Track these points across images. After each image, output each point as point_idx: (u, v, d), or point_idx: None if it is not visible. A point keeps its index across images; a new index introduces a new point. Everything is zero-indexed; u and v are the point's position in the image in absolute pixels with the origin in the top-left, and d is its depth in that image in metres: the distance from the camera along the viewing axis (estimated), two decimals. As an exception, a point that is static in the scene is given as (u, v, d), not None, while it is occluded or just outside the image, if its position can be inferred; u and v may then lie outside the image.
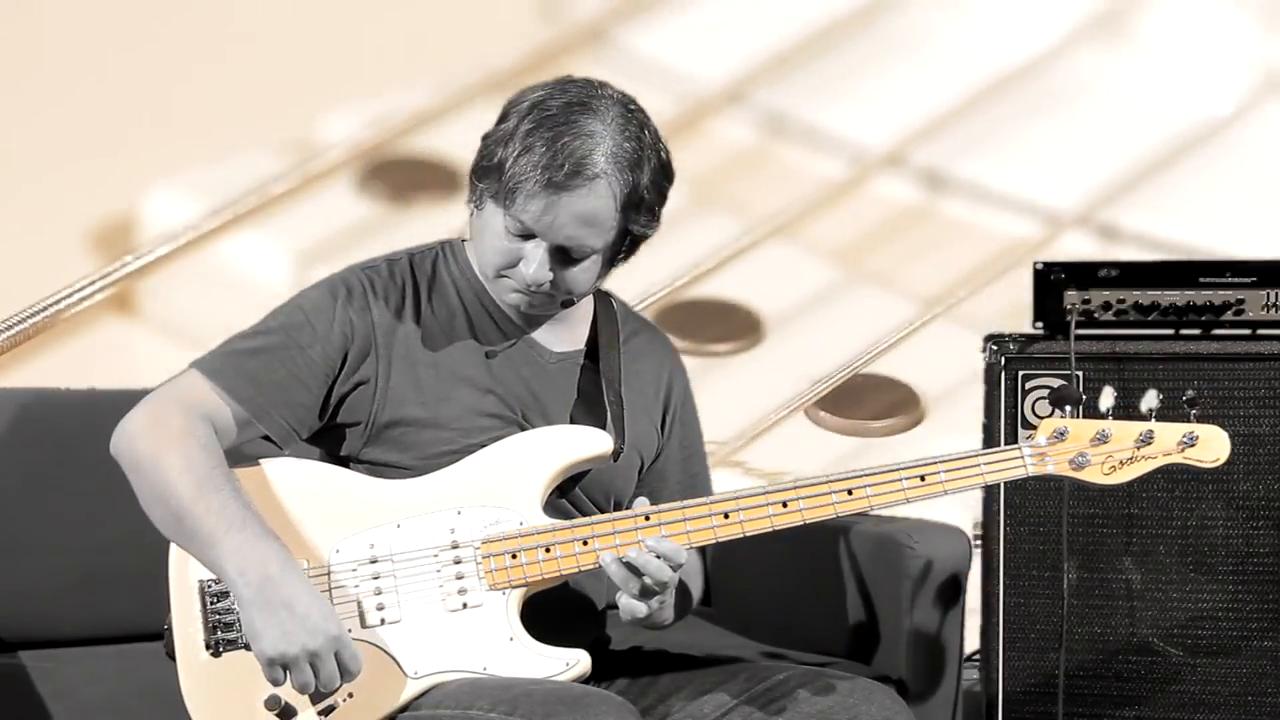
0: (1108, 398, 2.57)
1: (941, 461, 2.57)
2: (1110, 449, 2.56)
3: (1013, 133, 4.54)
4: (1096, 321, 3.40)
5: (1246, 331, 3.38)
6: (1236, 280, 3.37)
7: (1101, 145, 4.54)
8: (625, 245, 2.64)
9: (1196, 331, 3.39)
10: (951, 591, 3.25)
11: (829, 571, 3.27)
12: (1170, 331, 3.40)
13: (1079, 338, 3.37)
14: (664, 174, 2.61)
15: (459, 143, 4.07)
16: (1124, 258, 4.43)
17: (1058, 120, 4.54)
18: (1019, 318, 4.27)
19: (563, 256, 2.57)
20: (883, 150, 4.54)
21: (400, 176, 4.17)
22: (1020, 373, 3.40)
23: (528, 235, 2.56)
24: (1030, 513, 3.39)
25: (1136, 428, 2.56)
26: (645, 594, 2.52)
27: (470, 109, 4.17)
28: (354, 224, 4.13)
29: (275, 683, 2.43)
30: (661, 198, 2.62)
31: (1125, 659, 3.37)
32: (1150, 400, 2.57)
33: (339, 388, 2.62)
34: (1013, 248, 4.54)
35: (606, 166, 2.53)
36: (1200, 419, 2.58)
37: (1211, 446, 2.56)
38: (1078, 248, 4.51)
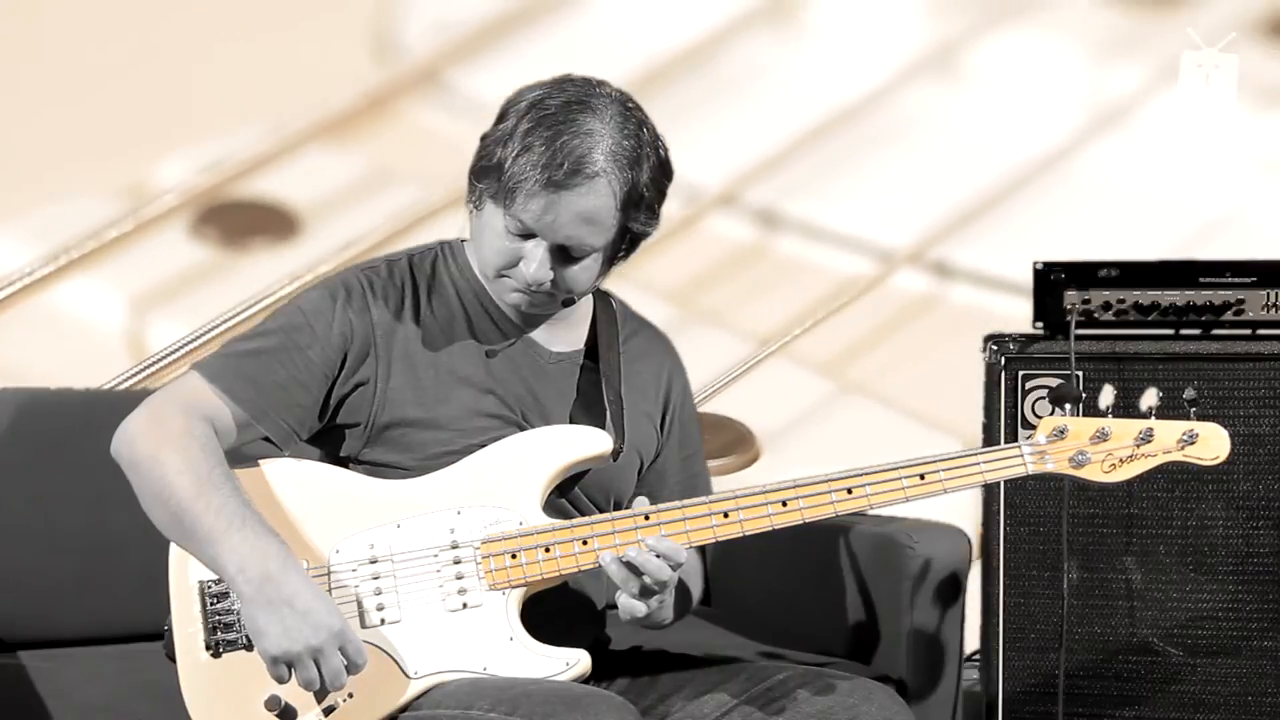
0: (1107, 395, 2.56)
1: (941, 460, 2.56)
2: (1110, 447, 2.56)
3: (846, 170, 4.54)
4: (1096, 321, 3.40)
5: (1246, 331, 3.37)
6: (1236, 280, 3.37)
7: (933, 182, 4.54)
8: (625, 244, 2.64)
9: (1196, 331, 3.39)
10: (951, 591, 3.25)
11: (829, 571, 3.27)
12: (1170, 331, 3.39)
13: (1079, 338, 3.37)
14: (663, 171, 2.61)
15: (294, 186, 4.08)
16: (960, 293, 4.50)
17: (890, 157, 4.53)
18: (855, 354, 4.29)
19: (563, 255, 2.57)
20: (716, 189, 4.54)
21: (235, 220, 4.16)
22: (1020, 373, 3.39)
23: (528, 235, 2.55)
24: (1030, 513, 3.39)
25: (1136, 425, 2.56)
26: (645, 593, 2.52)
27: (304, 152, 4.18)
28: (189, 268, 4.11)
29: (280, 680, 2.43)
30: (661, 195, 2.62)
31: (1125, 659, 3.37)
32: (1150, 398, 2.56)
33: (338, 389, 2.61)
34: (847, 285, 4.54)
35: (606, 165, 2.52)
36: (1200, 418, 2.57)
37: (1211, 444, 2.56)
38: (911, 285, 4.52)
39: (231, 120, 4.15)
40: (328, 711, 2.47)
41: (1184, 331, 3.40)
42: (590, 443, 2.62)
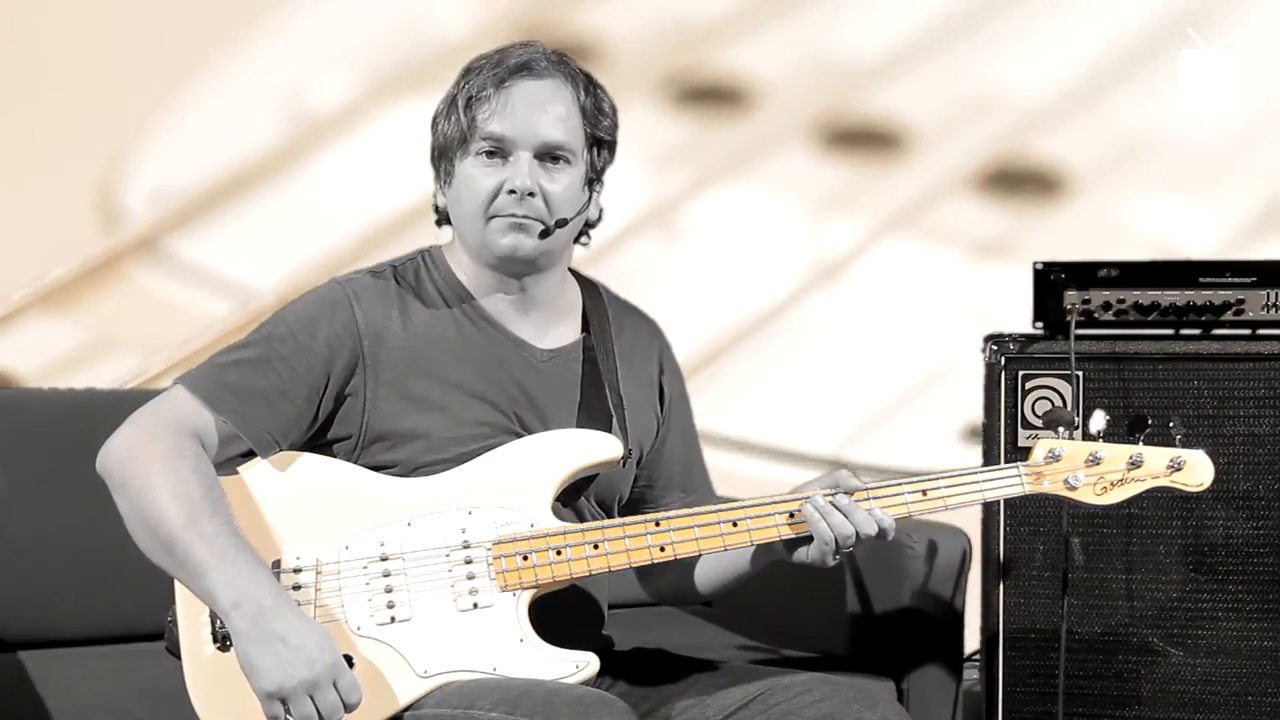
0: (1099, 420, 2.64)
1: (943, 477, 2.61)
2: (1102, 470, 2.65)
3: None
4: (1096, 321, 3.39)
5: (1246, 331, 3.37)
6: (1236, 280, 3.37)
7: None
8: (596, 164, 2.66)
9: (1196, 331, 3.39)
10: (951, 591, 3.25)
11: (829, 572, 3.25)
12: (1170, 331, 3.39)
13: (1079, 338, 3.37)
14: (607, 100, 2.66)
15: (14, 355, 4.04)
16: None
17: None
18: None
19: (544, 164, 2.60)
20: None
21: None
22: (1020, 373, 3.39)
23: (503, 152, 2.59)
24: (1030, 513, 3.38)
25: (1127, 451, 2.65)
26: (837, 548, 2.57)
27: (25, 320, 4.14)
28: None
29: (275, 719, 2.41)
30: (615, 115, 2.67)
31: (1125, 659, 3.36)
32: (1098, 421, 2.65)
33: (326, 402, 2.59)
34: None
35: (551, 68, 2.61)
36: (1185, 442, 2.67)
37: (1196, 472, 2.66)
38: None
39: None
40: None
41: (1184, 331, 3.39)
42: (601, 448, 2.62)
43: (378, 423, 2.59)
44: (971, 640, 3.40)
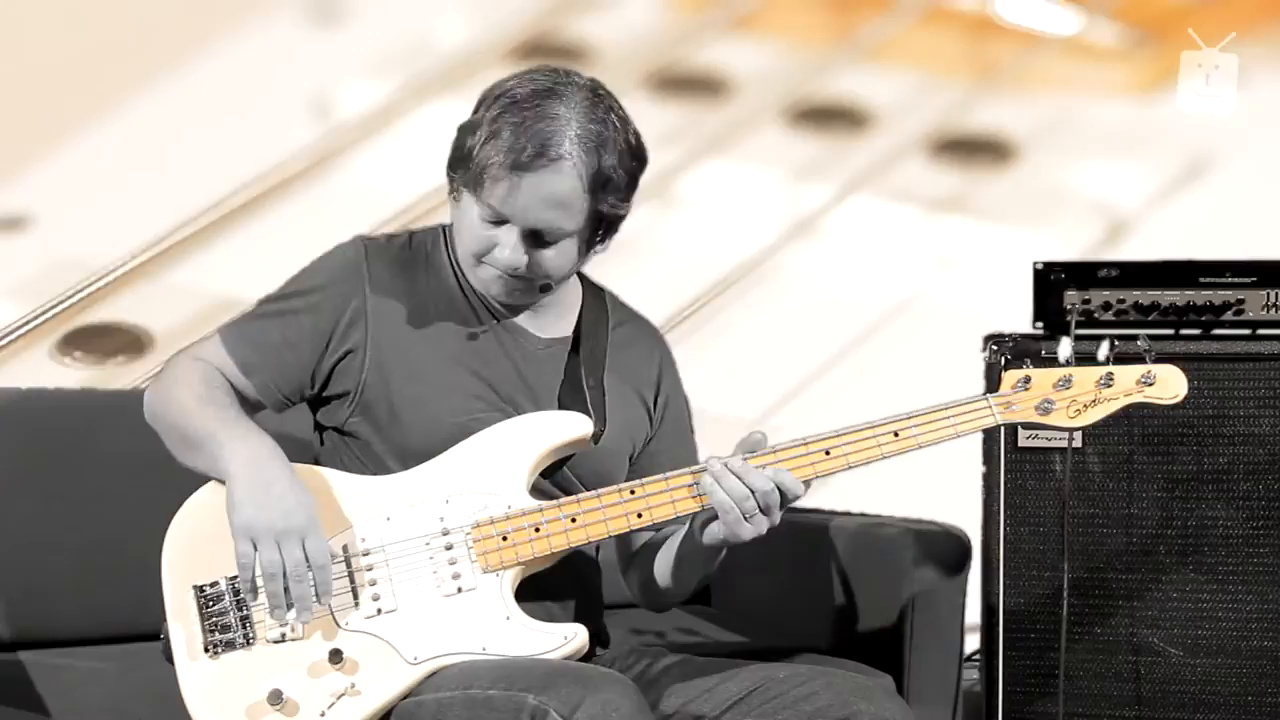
0: (1065, 348, 2.64)
1: (913, 416, 2.59)
2: (1073, 394, 2.62)
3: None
4: (1096, 321, 3.39)
5: (1246, 331, 3.37)
6: (1236, 280, 3.36)
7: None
8: (601, 228, 2.66)
9: (1196, 331, 3.39)
10: (951, 591, 3.25)
11: (829, 571, 3.28)
12: (1170, 331, 3.39)
13: (1079, 337, 3.36)
14: (632, 156, 2.64)
15: None
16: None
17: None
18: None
19: (536, 240, 2.61)
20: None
21: None
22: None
23: (500, 220, 2.59)
24: (1030, 513, 3.38)
25: (1096, 371, 2.62)
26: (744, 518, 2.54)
27: None
28: None
29: (245, 559, 2.49)
30: (632, 179, 2.65)
31: (1125, 659, 3.36)
32: (1104, 350, 2.63)
33: (329, 357, 2.66)
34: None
35: (570, 149, 2.57)
36: (1156, 359, 2.64)
37: (1170, 384, 2.64)
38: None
39: None
40: (332, 702, 2.49)
41: (1184, 331, 3.39)
42: (570, 427, 2.64)
43: (375, 382, 2.65)
44: (971, 640, 3.40)
